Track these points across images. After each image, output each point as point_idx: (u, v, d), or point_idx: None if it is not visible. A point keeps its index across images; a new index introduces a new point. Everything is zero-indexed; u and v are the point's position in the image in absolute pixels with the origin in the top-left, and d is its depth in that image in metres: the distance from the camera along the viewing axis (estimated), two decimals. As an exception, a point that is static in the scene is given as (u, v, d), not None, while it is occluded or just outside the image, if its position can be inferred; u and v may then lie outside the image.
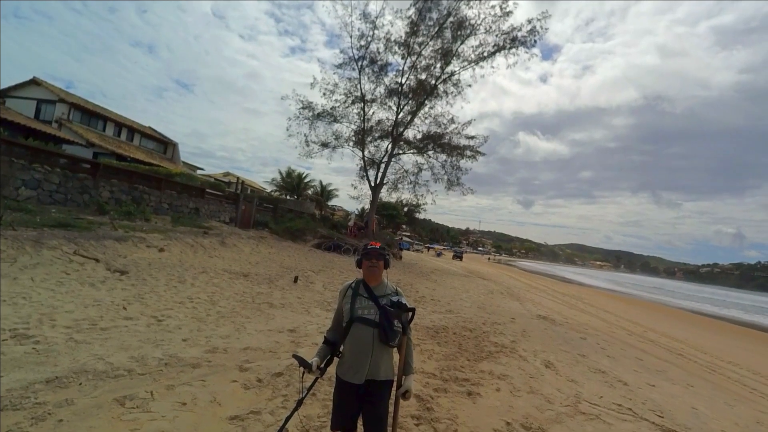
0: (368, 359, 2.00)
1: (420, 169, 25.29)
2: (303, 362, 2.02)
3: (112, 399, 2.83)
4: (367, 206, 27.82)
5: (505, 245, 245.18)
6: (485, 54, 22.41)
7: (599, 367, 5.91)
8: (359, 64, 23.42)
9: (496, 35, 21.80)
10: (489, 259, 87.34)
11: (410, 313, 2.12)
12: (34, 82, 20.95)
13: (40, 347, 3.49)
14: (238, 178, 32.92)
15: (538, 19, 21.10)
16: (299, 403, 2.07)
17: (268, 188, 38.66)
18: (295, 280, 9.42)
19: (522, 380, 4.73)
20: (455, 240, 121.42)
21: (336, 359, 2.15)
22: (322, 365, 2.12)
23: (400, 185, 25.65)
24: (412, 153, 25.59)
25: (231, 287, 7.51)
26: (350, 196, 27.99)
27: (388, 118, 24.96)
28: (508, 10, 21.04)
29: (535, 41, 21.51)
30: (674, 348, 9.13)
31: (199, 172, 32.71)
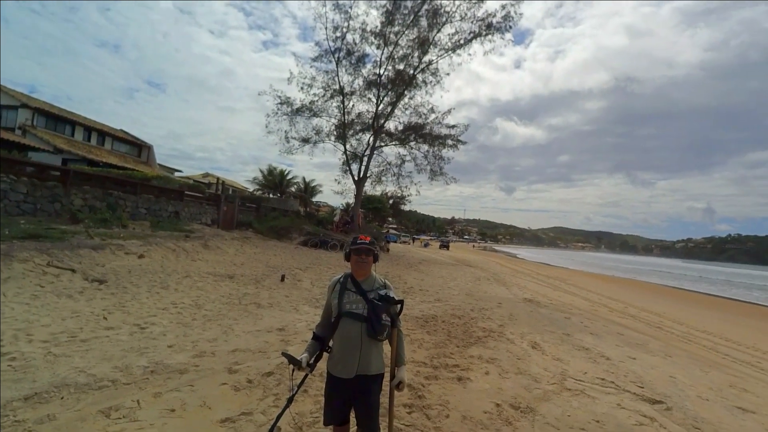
0: (357, 354, 2.00)
1: (403, 161, 25.33)
2: (292, 359, 2.01)
3: (97, 411, 2.76)
4: (352, 201, 27.73)
5: (490, 232, 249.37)
6: (462, 41, 22.48)
7: (583, 344, 6.12)
8: (336, 56, 23.11)
9: (472, 22, 21.88)
10: (474, 246, 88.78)
11: (399, 306, 2.13)
12: (-8, 87, 19.82)
13: (16, 364, 3.36)
14: (218, 179, 32.20)
15: (512, 5, 21.25)
16: (290, 400, 2.07)
17: (250, 187, 38.03)
18: (282, 278, 9.34)
19: (510, 362, 4.85)
20: (441, 230, 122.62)
21: (326, 354, 2.15)
22: (312, 361, 2.11)
23: (383, 178, 25.66)
24: (394, 145, 25.57)
25: (216, 290, 7.39)
26: (334, 191, 27.92)
27: (368, 111, 24.83)
28: (481, -5, 21.09)
29: (510, 27, 21.70)
30: (653, 321, 9.53)
31: (177, 174, 31.85)
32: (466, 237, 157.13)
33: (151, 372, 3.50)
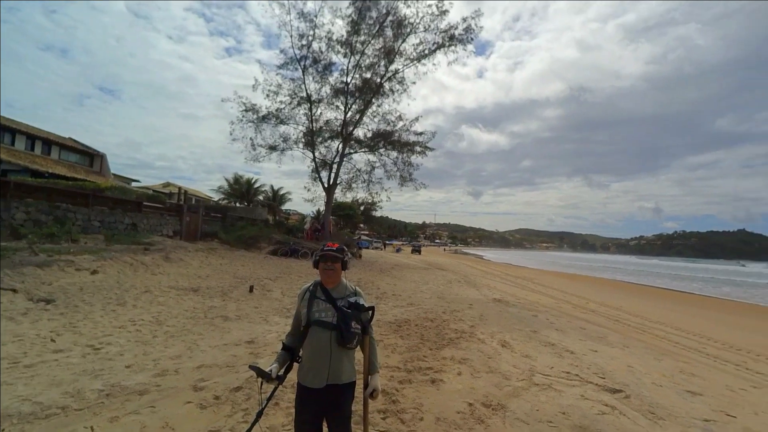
0: (327, 363, 1.97)
1: (372, 168, 25.45)
2: (260, 372, 1.95)
3: (43, 442, 2.53)
4: (323, 208, 27.43)
5: (460, 235, 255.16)
6: (426, 52, 23.08)
7: (549, 340, 6.38)
8: (302, 64, 22.99)
9: (435, 33, 22.55)
10: (445, 250, 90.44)
11: (370, 312, 2.12)
12: None
13: (-55, 397, 3.01)
14: (180, 188, 30.77)
15: (472, 17, 22.15)
16: (259, 414, 2.00)
17: (215, 197, 36.61)
18: (251, 289, 9.03)
19: (481, 362, 4.96)
20: (413, 234, 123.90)
21: (297, 365, 2.10)
22: (281, 372, 2.06)
23: (354, 184, 25.63)
24: (364, 152, 25.68)
25: (179, 304, 7.02)
26: (305, 198, 27.53)
27: (336, 118, 24.81)
28: (444, 9, 21.83)
29: (471, 38, 22.56)
30: (611, 315, 10.12)
31: (134, 184, 30.10)
32: (437, 241, 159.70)
33: (106, 395, 3.26)
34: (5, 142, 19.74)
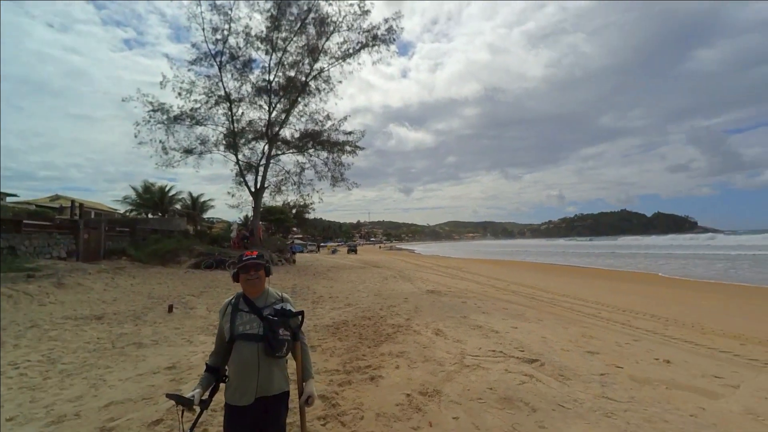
0: (255, 377, 1.88)
1: (302, 169, 24.77)
2: (180, 399, 1.78)
3: None
4: (251, 214, 25.89)
5: (394, 232, 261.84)
6: (351, 51, 23.14)
7: (477, 323, 6.90)
8: (218, 60, 21.39)
9: (359, 33, 22.73)
10: (380, 247, 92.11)
11: (299, 317, 2.07)
12: None
13: None
14: (72, 201, 26.39)
15: (393, 19, 22.80)
16: (183, 446, 1.83)
17: (122, 208, 32.26)
18: (170, 309, 8.16)
19: (417, 352, 5.17)
20: (348, 234, 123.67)
21: (223, 385, 1.96)
22: (206, 396, 1.91)
23: (283, 187, 24.68)
24: (292, 153, 24.84)
25: (79, 337, 6.05)
26: (229, 205, 25.59)
27: (260, 118, 23.60)
28: (366, 8, 22.10)
29: (394, 39, 23.22)
30: (528, 294, 11.30)
31: (9, 199, 25.11)
32: (372, 239, 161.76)
33: (-21, 460, 2.68)
34: None
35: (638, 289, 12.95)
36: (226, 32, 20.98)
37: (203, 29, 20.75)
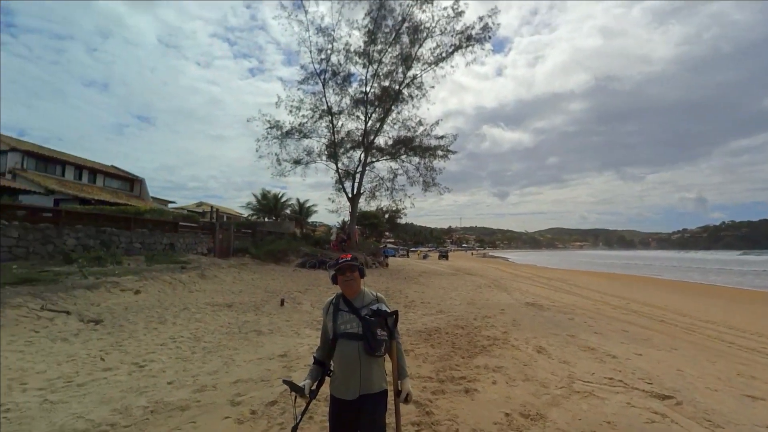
0: (358, 373, 1.99)
1: (395, 175, 25.57)
2: (294, 387, 1.99)
3: (97, 457, 2.68)
4: (348, 218, 27.73)
5: (488, 239, 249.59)
6: (444, 55, 23.08)
7: (588, 344, 6.08)
8: (322, 77, 23.60)
9: (452, 35, 22.52)
10: (472, 254, 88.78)
11: (393, 317, 2.12)
12: (-20, 134, 19.88)
13: (11, 415, 3.27)
14: (212, 207, 32.19)
15: (489, 16, 21.95)
16: (294, 429, 2.04)
17: (245, 213, 37.96)
18: (282, 303, 9.24)
19: (516, 369, 4.80)
20: (439, 240, 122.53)
21: (328, 378, 2.13)
22: (314, 387, 2.09)
23: (377, 193, 25.82)
24: (386, 159, 25.85)
25: (215, 320, 7.28)
26: (329, 210, 27.89)
27: (357, 128, 25.19)
28: (459, 10, 21.79)
29: (489, 37, 22.35)
30: (656, 315, 9.51)
31: (170, 206, 31.77)
32: (464, 245, 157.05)
33: (151, 412, 3.42)
34: (57, 174, 21.46)
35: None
36: (329, 51, 23.06)
37: (310, 51, 23.19)
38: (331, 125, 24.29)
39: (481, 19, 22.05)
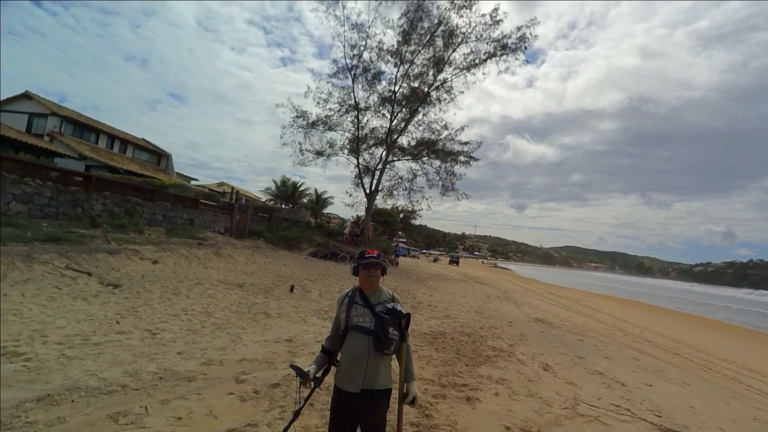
0: (364, 367, 1.99)
1: (414, 176, 25.44)
2: (300, 372, 2.01)
3: (106, 416, 2.78)
4: (363, 213, 27.82)
5: (501, 249, 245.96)
6: (477, 61, 22.76)
7: (597, 368, 5.93)
8: (352, 72, 23.64)
9: (487, 43, 22.17)
10: (483, 263, 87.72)
11: (406, 320, 2.11)
12: (26, 96, 20.85)
13: (31, 365, 3.43)
14: (232, 188, 32.82)
15: (527, 26, 21.51)
16: (296, 414, 2.06)
17: (263, 197, 38.56)
18: (291, 289, 9.36)
19: (520, 384, 4.72)
20: (451, 245, 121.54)
21: (334, 368, 2.14)
22: (319, 374, 2.11)
23: (395, 192, 25.75)
24: (407, 160, 25.74)
25: (226, 298, 7.44)
26: (345, 203, 27.98)
27: (382, 126, 25.15)
28: (498, 18, 21.44)
29: (525, 47, 21.91)
30: (670, 347, 9.18)
31: (193, 182, 32.58)
32: (476, 253, 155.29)
33: (159, 378, 3.53)
34: (91, 141, 22.33)
35: None
36: (362, 48, 23.09)
37: (343, 46, 23.29)
38: (356, 120, 24.36)
39: (519, 29, 21.64)
